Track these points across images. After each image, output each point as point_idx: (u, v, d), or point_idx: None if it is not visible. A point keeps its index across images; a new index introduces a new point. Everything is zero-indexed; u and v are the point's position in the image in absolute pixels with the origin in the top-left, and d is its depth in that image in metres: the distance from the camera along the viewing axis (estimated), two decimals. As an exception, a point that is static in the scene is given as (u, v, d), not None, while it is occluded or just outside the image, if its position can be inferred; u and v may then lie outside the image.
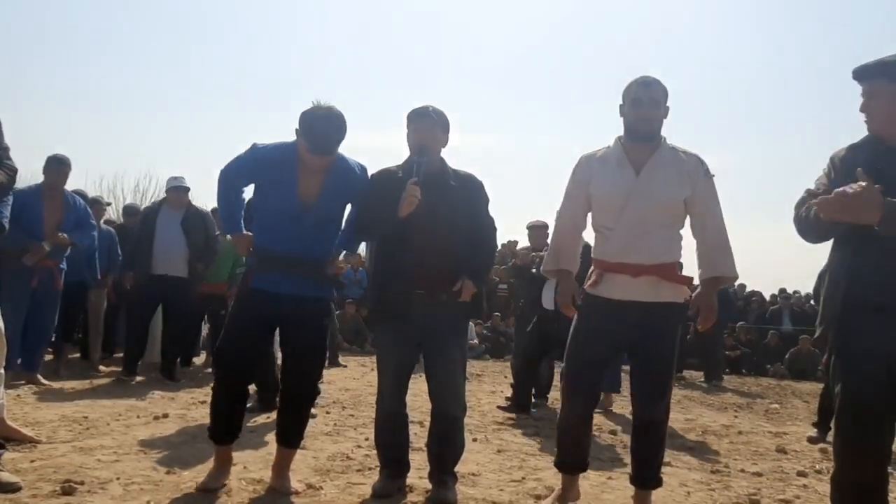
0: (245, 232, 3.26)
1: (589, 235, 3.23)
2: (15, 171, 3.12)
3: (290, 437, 3.24)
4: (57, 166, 5.82)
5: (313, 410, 5.09)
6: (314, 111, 3.00)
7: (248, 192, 3.33)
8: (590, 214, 3.14)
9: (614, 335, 2.99)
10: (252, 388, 3.91)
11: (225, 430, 3.19)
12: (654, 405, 3.00)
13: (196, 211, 6.73)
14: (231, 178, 3.20)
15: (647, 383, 3.02)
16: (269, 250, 3.11)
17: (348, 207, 3.30)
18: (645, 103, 2.93)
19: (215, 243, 6.69)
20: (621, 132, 3.06)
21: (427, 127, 3.16)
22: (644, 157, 2.96)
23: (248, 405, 4.46)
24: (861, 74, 2.43)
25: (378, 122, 30.44)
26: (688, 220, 3.05)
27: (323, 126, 2.97)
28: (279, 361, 4.85)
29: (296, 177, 3.07)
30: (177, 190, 6.64)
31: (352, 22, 41.29)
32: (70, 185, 6.19)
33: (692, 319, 3.43)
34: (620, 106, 3.02)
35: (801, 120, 37.44)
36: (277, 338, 3.83)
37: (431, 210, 3.03)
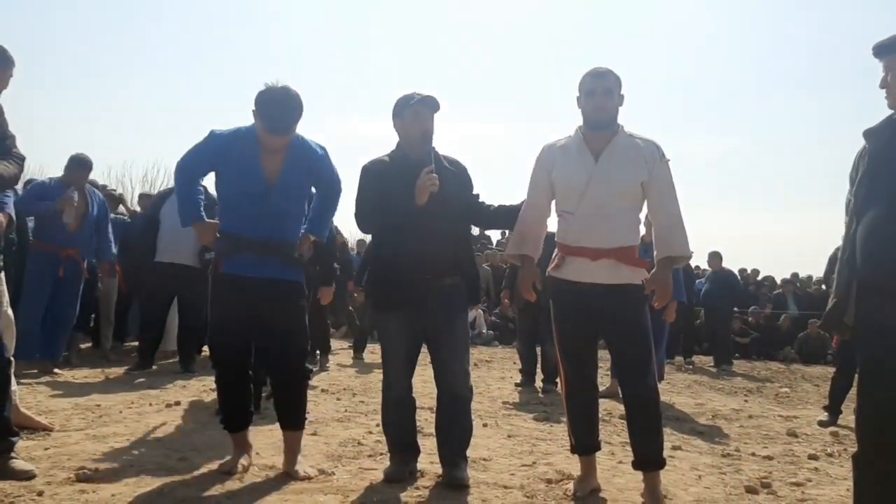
0: (207, 220, 3.18)
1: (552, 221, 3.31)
2: (23, 159, 3.14)
3: (291, 419, 3.24)
4: (78, 169, 5.86)
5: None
6: (270, 91, 2.99)
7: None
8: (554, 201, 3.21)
9: (582, 314, 3.07)
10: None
11: (235, 418, 3.22)
12: (635, 384, 3.03)
13: (210, 197, 6.63)
14: (190, 169, 3.15)
15: (623, 363, 3.10)
16: (237, 234, 3.09)
17: (313, 190, 3.32)
18: (598, 93, 3.02)
19: None
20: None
21: (429, 113, 3.21)
22: (602, 144, 3.05)
23: (265, 394, 4.49)
24: (880, 50, 2.44)
25: (372, 113, 30.46)
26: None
27: (280, 106, 2.97)
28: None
29: (258, 156, 3.06)
30: None
31: (349, 15, 41.12)
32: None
33: (708, 306, 3.47)
34: (577, 98, 3.10)
35: (812, 104, 37.15)
36: None
37: (436, 196, 3.06)
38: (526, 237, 3.22)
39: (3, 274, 3.36)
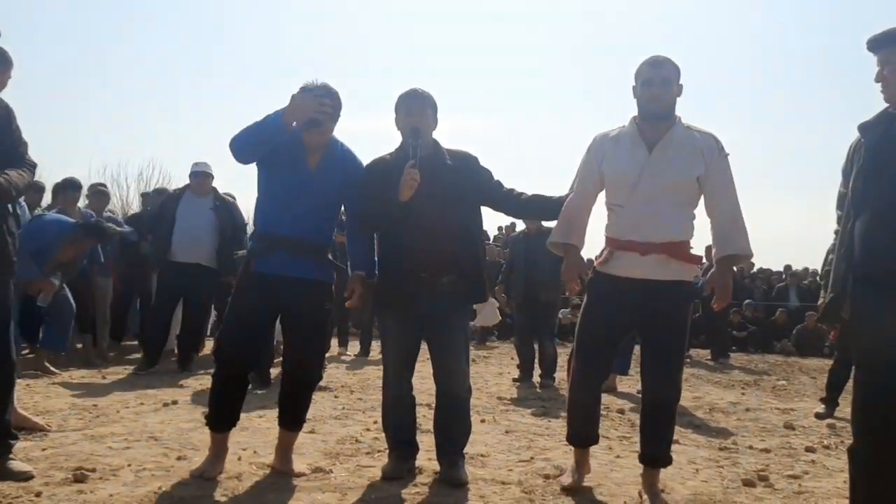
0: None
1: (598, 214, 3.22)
2: (35, 166, 3.13)
3: (293, 420, 3.26)
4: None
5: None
6: (311, 90, 3.03)
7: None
8: (602, 193, 3.13)
9: (623, 312, 2.99)
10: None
11: (223, 418, 3.17)
12: (664, 383, 2.99)
13: (224, 199, 6.57)
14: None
15: (657, 362, 3.01)
16: (271, 234, 3.11)
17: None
18: (656, 83, 2.92)
19: (242, 234, 6.35)
20: (635, 112, 3.04)
21: (419, 108, 3.17)
22: (658, 135, 2.95)
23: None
24: (875, 45, 2.44)
25: (369, 107, 30.38)
26: (702, 200, 3.01)
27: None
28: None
29: (304, 150, 3.12)
30: (195, 175, 6.44)
31: (343, 8, 41.03)
32: (73, 174, 6.27)
33: (706, 299, 3.43)
34: (633, 87, 3.01)
35: (808, 94, 37.16)
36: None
37: (431, 192, 3.03)
38: (572, 226, 3.14)
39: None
